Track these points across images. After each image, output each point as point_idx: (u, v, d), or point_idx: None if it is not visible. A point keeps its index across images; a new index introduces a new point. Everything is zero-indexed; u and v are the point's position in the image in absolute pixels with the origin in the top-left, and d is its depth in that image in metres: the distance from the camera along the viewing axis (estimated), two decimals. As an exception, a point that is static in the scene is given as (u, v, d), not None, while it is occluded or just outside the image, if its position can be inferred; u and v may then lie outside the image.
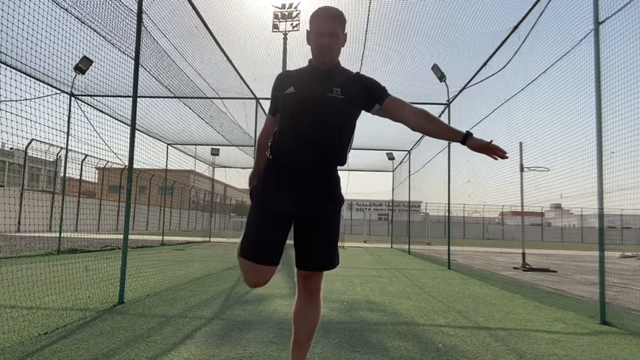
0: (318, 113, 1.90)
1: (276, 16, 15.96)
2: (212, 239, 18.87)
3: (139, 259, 7.94)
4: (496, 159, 1.82)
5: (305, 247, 1.94)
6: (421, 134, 12.47)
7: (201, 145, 15.13)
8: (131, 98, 4.35)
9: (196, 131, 12.39)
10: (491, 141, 1.79)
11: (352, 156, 13.70)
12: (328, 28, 1.89)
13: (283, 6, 16.35)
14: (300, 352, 2.03)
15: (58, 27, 4.26)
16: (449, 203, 9.12)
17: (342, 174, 2.06)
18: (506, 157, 1.79)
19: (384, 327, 3.39)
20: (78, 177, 17.82)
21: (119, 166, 16.24)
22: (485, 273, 8.12)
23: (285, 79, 2.01)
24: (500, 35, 6.69)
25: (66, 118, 8.47)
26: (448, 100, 9.17)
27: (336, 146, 1.94)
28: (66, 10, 5.58)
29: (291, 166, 1.92)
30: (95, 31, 6.24)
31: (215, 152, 15.72)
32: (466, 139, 1.86)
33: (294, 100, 1.93)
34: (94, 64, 7.44)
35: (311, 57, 2.00)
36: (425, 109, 1.96)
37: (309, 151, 1.90)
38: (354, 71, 2.04)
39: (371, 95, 1.97)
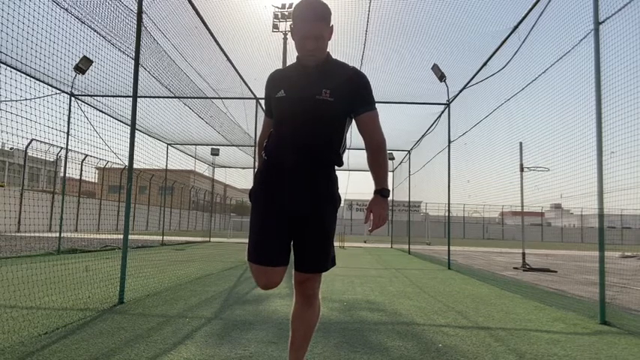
0: (307, 116, 1.88)
1: (276, 16, 16.01)
2: (212, 239, 18.87)
3: (139, 259, 7.94)
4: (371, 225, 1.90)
5: (299, 247, 1.94)
6: (421, 135, 12.48)
7: (201, 145, 15.14)
8: (131, 98, 4.35)
9: (196, 131, 12.39)
10: (371, 212, 1.89)
11: (353, 156, 13.71)
12: (313, 32, 1.84)
13: (283, 6, 16.38)
14: (299, 353, 2.03)
15: (58, 27, 4.26)
16: (449, 203, 9.12)
17: (342, 174, 2.06)
18: (372, 228, 1.88)
19: (384, 327, 3.39)
20: (78, 177, 17.83)
21: (119, 166, 16.26)
22: (485, 273, 8.12)
23: (276, 81, 2.00)
24: (501, 35, 6.69)
25: (66, 118, 8.48)
26: (448, 100, 9.17)
27: (327, 148, 1.93)
28: (66, 10, 5.58)
29: (285, 166, 1.92)
30: (95, 31, 6.25)
31: (215, 152, 15.72)
32: (375, 193, 1.93)
33: (284, 103, 1.92)
34: (94, 64, 7.44)
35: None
36: (381, 146, 1.95)
37: (301, 154, 1.89)
38: (351, 65, 1.99)
39: (354, 102, 1.92)
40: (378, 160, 1.96)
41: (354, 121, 2.01)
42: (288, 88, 1.93)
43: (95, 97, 9.11)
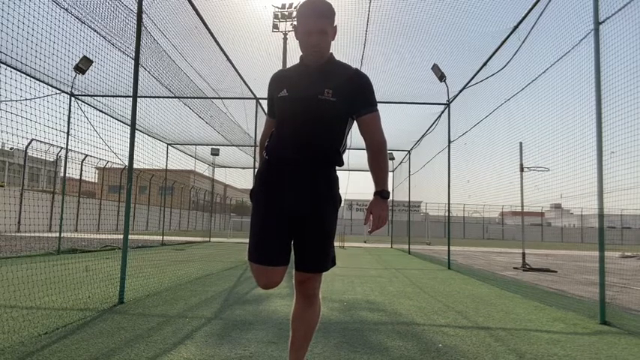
0: (309, 116, 1.88)
1: (276, 16, 15.99)
2: (212, 239, 18.87)
3: (139, 259, 7.94)
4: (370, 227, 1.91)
5: (299, 247, 1.94)
6: (421, 135, 12.48)
7: (201, 145, 15.14)
8: (131, 98, 4.35)
9: (196, 131, 12.39)
10: (371, 214, 1.90)
11: (353, 156, 13.71)
12: (316, 27, 1.85)
13: (283, 6, 16.37)
14: (299, 353, 2.03)
15: (58, 27, 4.26)
16: (449, 203, 9.12)
17: (342, 174, 2.06)
18: (372, 229, 1.89)
19: (384, 327, 3.39)
20: (78, 177, 17.83)
21: (119, 166, 16.26)
22: (485, 273, 8.12)
23: (279, 81, 2.00)
24: (501, 35, 6.69)
25: (66, 118, 8.48)
26: (448, 100, 9.17)
27: (328, 148, 1.93)
28: (66, 10, 5.58)
29: (286, 166, 1.92)
30: (95, 31, 6.25)
31: (215, 152, 15.72)
32: (375, 194, 1.94)
33: (286, 102, 1.93)
34: (94, 64, 7.44)
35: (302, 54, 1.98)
36: (382, 147, 1.96)
37: (301, 154, 1.90)
38: (354, 67, 1.99)
39: (355, 102, 1.93)
40: (379, 161, 1.96)
41: (354, 121, 2.01)
42: (290, 87, 1.93)
43: (95, 97, 9.11)
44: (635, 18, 3.68)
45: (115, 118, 9.93)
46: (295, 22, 1.95)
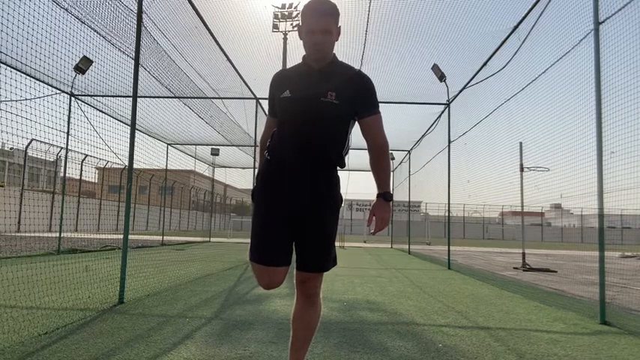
0: (311, 118, 1.88)
1: (276, 16, 15.97)
2: (212, 239, 18.87)
3: (139, 259, 7.94)
4: (373, 228, 1.94)
5: (299, 247, 1.94)
6: (421, 135, 12.49)
7: (201, 145, 15.14)
8: (131, 98, 4.35)
9: (196, 131, 12.39)
10: (374, 215, 1.92)
11: (353, 156, 13.73)
12: (321, 26, 1.85)
13: (283, 6, 16.35)
14: (299, 354, 2.03)
15: (58, 27, 4.26)
16: (449, 203, 9.12)
17: (342, 174, 2.07)
18: (374, 231, 1.93)
19: (384, 327, 3.39)
20: (78, 177, 17.83)
21: (119, 166, 16.26)
22: (485, 273, 8.12)
23: (281, 81, 2.00)
24: (501, 35, 6.69)
25: (66, 118, 8.48)
26: (448, 100, 9.17)
27: (330, 150, 1.93)
28: (66, 10, 5.58)
29: (287, 167, 1.92)
30: (95, 31, 6.25)
31: (215, 152, 15.72)
32: (378, 197, 1.95)
33: (289, 103, 1.93)
34: (94, 64, 7.43)
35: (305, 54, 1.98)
36: (384, 148, 1.98)
37: (303, 155, 1.90)
38: (357, 68, 1.99)
39: (356, 104, 1.93)
40: (381, 162, 1.98)
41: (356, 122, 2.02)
42: (294, 88, 1.93)
43: (95, 97, 9.11)
44: (635, 18, 3.68)
45: (115, 118, 9.92)
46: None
